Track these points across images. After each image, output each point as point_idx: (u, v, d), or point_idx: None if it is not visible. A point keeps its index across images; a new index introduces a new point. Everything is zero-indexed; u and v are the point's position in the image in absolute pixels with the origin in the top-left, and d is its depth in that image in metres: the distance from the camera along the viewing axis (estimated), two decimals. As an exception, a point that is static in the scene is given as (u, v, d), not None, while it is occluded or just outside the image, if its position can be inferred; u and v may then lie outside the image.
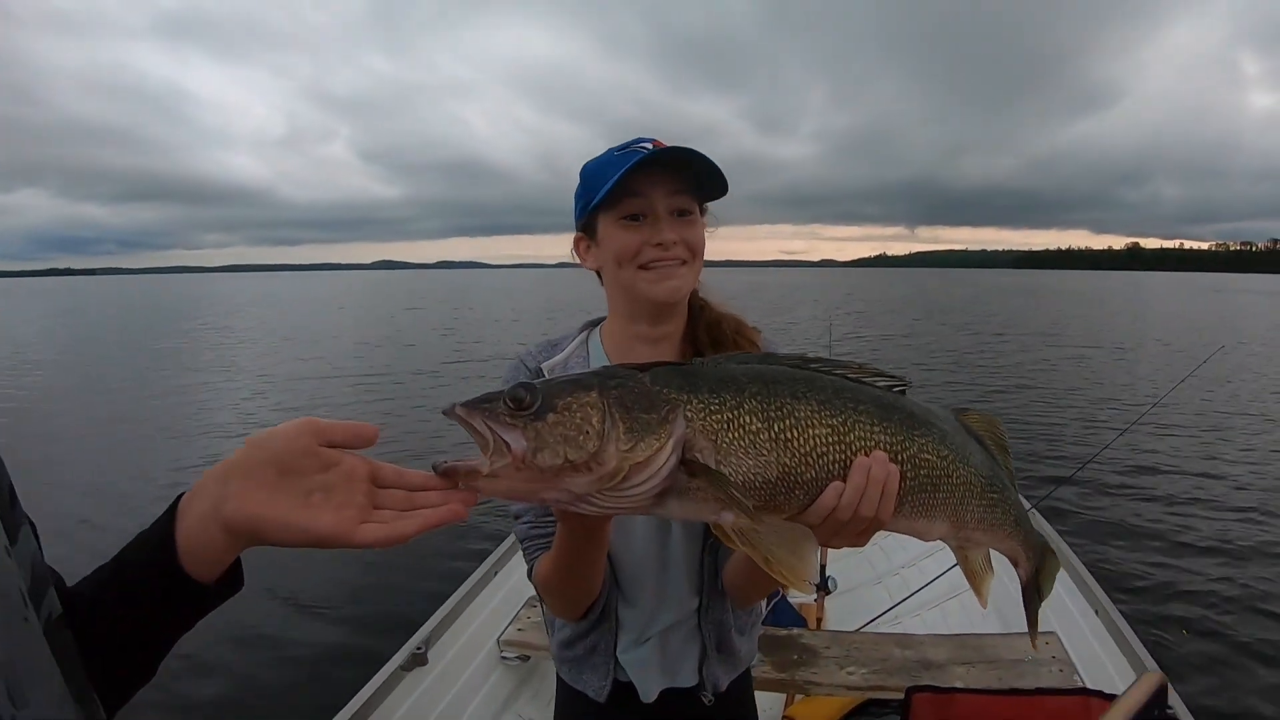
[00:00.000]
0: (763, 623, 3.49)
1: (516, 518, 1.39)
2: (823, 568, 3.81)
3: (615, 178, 1.22)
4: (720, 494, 0.84)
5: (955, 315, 36.08)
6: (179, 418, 12.53)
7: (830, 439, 0.90)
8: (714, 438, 0.86)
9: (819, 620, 3.66)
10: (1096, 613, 3.03)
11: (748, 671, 1.55)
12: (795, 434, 0.89)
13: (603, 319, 1.49)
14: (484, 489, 0.81)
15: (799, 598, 3.96)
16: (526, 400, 0.82)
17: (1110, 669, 2.75)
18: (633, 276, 1.32)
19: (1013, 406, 12.72)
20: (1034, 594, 1.24)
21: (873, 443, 0.93)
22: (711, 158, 1.26)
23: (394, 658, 2.81)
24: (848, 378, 0.97)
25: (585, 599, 1.36)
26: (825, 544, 0.94)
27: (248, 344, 25.16)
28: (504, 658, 3.17)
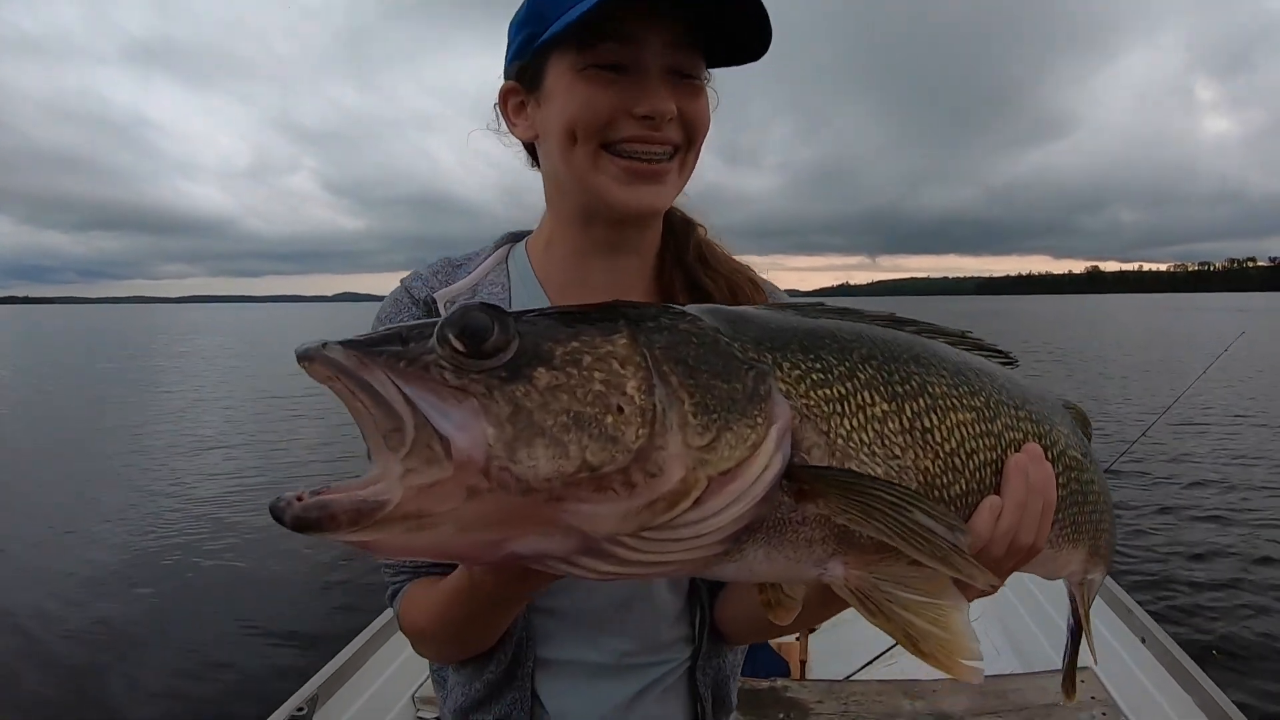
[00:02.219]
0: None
1: None
2: None
3: (589, 2, 0.76)
4: (892, 531, 0.51)
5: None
6: (127, 444, 12.29)
7: (978, 429, 0.63)
8: (826, 427, 0.55)
9: (803, 664, 3.15)
10: (1144, 641, 2.52)
11: None
12: (935, 421, 0.61)
13: (528, 233, 1.05)
14: (392, 546, 0.47)
15: (781, 636, 3.42)
16: (493, 335, 0.47)
17: (1168, 709, 2.28)
18: (590, 162, 0.85)
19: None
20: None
21: (1021, 432, 0.68)
22: None
23: None
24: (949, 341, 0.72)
25: (477, 652, 0.95)
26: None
27: (201, 374, 25.11)
28: (421, 718, 2.55)
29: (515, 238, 1.05)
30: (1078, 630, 1.04)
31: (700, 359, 0.52)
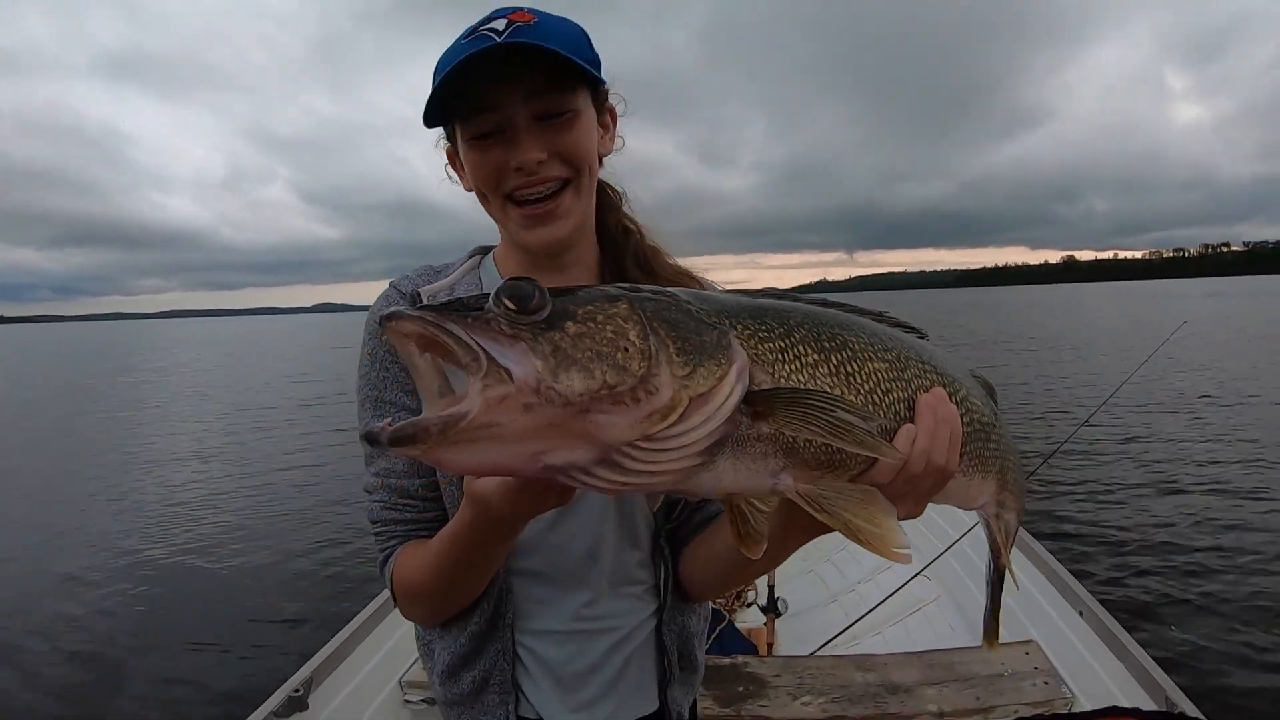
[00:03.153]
0: (706, 651, 3.11)
1: (369, 492, 1.04)
2: (771, 588, 3.43)
3: (440, 81, 0.94)
4: (823, 430, 0.67)
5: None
6: (114, 457, 12.51)
7: (890, 375, 0.79)
8: (771, 370, 0.71)
9: (770, 646, 3.29)
10: (1081, 614, 2.68)
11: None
12: (856, 368, 0.77)
13: (494, 246, 1.18)
14: (463, 460, 0.60)
15: (747, 623, 3.56)
16: (534, 299, 0.62)
17: (1103, 675, 2.42)
18: (501, 212, 1.02)
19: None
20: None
21: (928, 380, 0.83)
22: (567, 33, 0.96)
23: (266, 702, 2.33)
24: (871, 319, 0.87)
25: (463, 605, 1.06)
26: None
27: (183, 390, 25.03)
28: (408, 701, 2.70)
29: (484, 250, 1.19)
30: (998, 577, 1.14)
31: (678, 320, 0.68)
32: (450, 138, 1.07)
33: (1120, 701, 2.30)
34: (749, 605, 3.74)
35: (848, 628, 3.16)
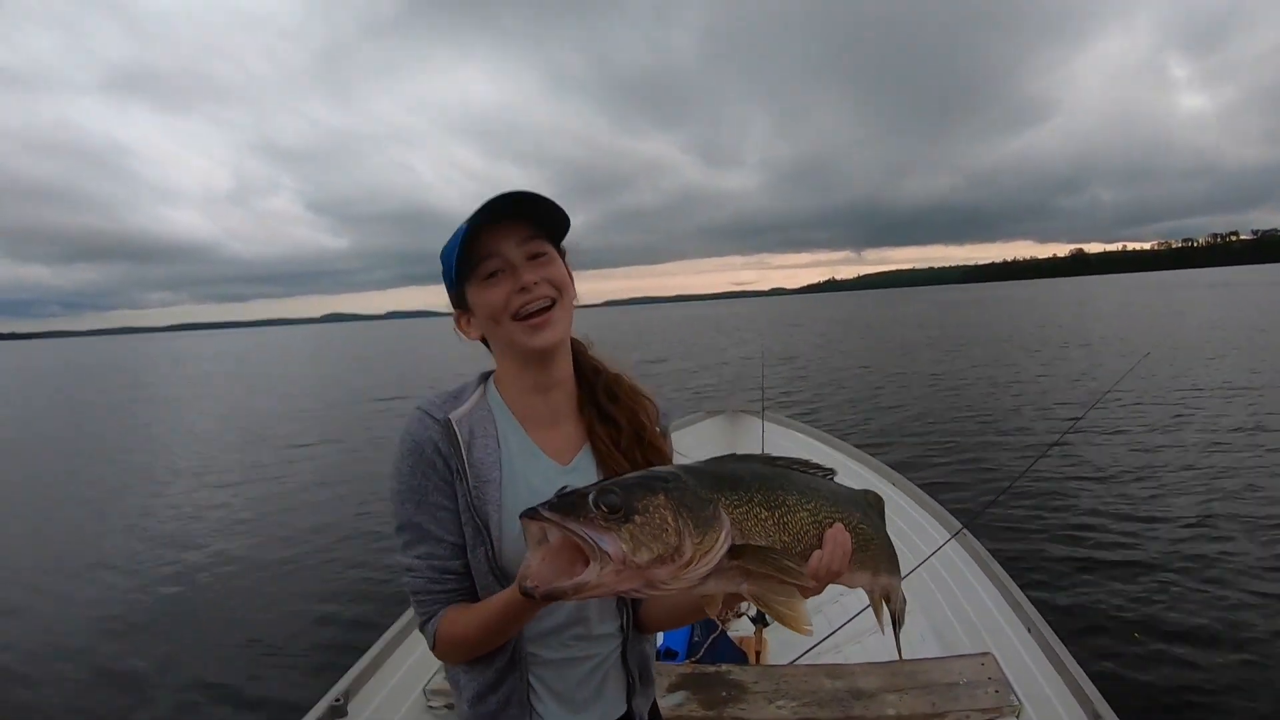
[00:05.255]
0: (698, 660, 3.44)
1: (409, 570, 1.36)
2: None
3: (459, 240, 1.31)
4: (771, 569, 1.06)
5: (911, 333, 36.83)
6: (142, 474, 12.80)
7: (809, 520, 1.16)
8: (740, 526, 1.05)
9: (758, 654, 3.60)
10: (1029, 630, 3.00)
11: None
12: (789, 519, 1.13)
13: (493, 371, 1.52)
14: (584, 596, 0.94)
15: (739, 632, 3.89)
16: (619, 505, 0.95)
17: (1044, 686, 2.72)
18: (510, 330, 1.37)
19: (949, 420, 13.14)
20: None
21: (833, 518, 1.20)
22: (545, 194, 1.33)
23: (312, 710, 2.69)
24: (799, 470, 1.24)
25: (491, 649, 1.37)
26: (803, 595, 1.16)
27: (199, 404, 25.45)
28: (431, 707, 3.04)
29: (486, 376, 1.53)
30: (894, 625, 1.57)
31: (691, 501, 0.99)
32: (460, 304, 1.44)
33: (1058, 710, 2.60)
34: (740, 616, 4.07)
35: (829, 635, 3.47)
